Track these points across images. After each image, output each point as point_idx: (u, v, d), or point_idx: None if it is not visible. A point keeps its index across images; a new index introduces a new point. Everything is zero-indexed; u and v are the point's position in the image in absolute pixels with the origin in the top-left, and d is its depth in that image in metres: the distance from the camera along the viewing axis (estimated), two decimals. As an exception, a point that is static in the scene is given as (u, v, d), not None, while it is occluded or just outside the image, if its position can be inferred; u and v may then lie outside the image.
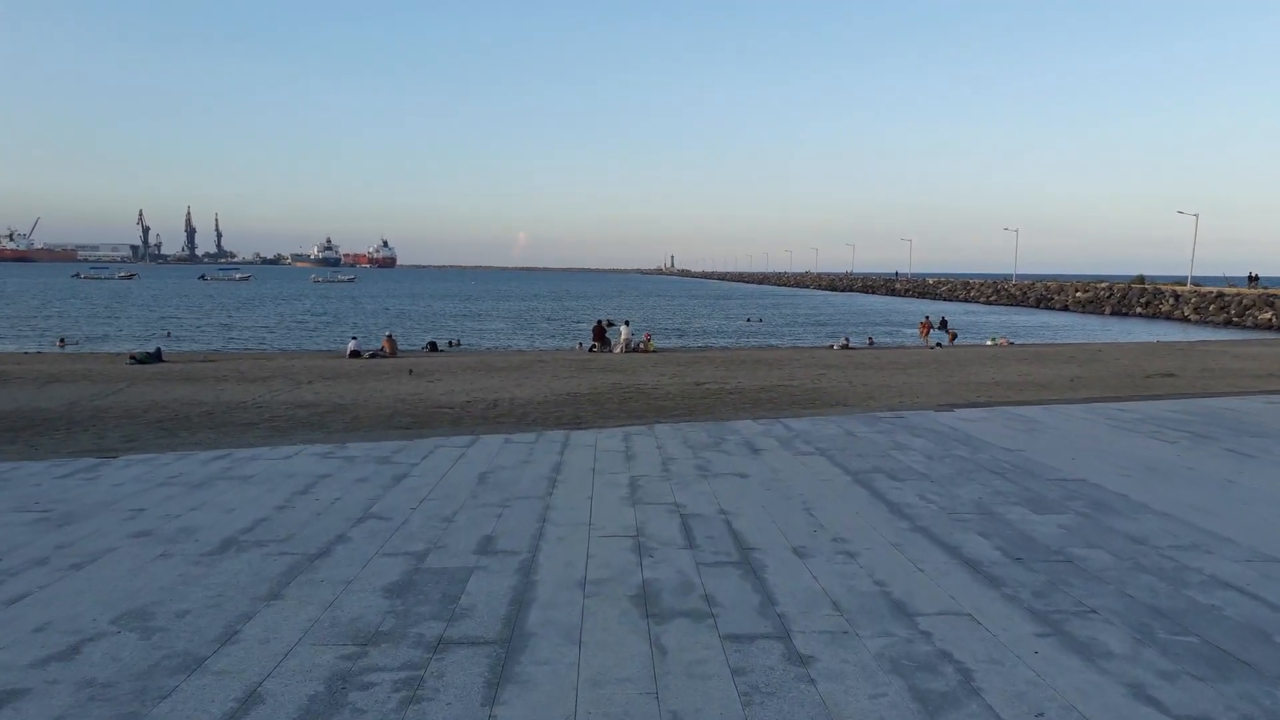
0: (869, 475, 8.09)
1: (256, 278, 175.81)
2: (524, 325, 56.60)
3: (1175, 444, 9.79)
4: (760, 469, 8.33)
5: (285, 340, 42.68)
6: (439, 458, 8.88)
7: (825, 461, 8.68)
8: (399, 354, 31.75)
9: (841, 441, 9.80)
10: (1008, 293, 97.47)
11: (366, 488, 7.57)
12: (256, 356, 31.45)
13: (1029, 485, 7.77)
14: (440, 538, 6.08)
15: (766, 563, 5.55)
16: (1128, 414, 12.10)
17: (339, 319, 59.92)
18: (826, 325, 59.66)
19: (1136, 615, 4.74)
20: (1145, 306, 72.09)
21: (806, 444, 9.66)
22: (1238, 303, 62.47)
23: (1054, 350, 34.62)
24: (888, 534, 6.20)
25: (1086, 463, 8.72)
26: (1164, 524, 6.50)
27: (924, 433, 10.39)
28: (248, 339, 42.91)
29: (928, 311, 73.38)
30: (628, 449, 9.35)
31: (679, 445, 9.53)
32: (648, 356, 30.55)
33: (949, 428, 10.73)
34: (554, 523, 6.45)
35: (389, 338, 32.97)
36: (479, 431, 11.87)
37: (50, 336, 41.13)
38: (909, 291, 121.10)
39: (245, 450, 9.44)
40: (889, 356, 30.82)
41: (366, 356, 29.89)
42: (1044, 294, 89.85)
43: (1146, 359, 29.26)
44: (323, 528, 6.33)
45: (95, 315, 60.05)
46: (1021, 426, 10.94)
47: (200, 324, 53.26)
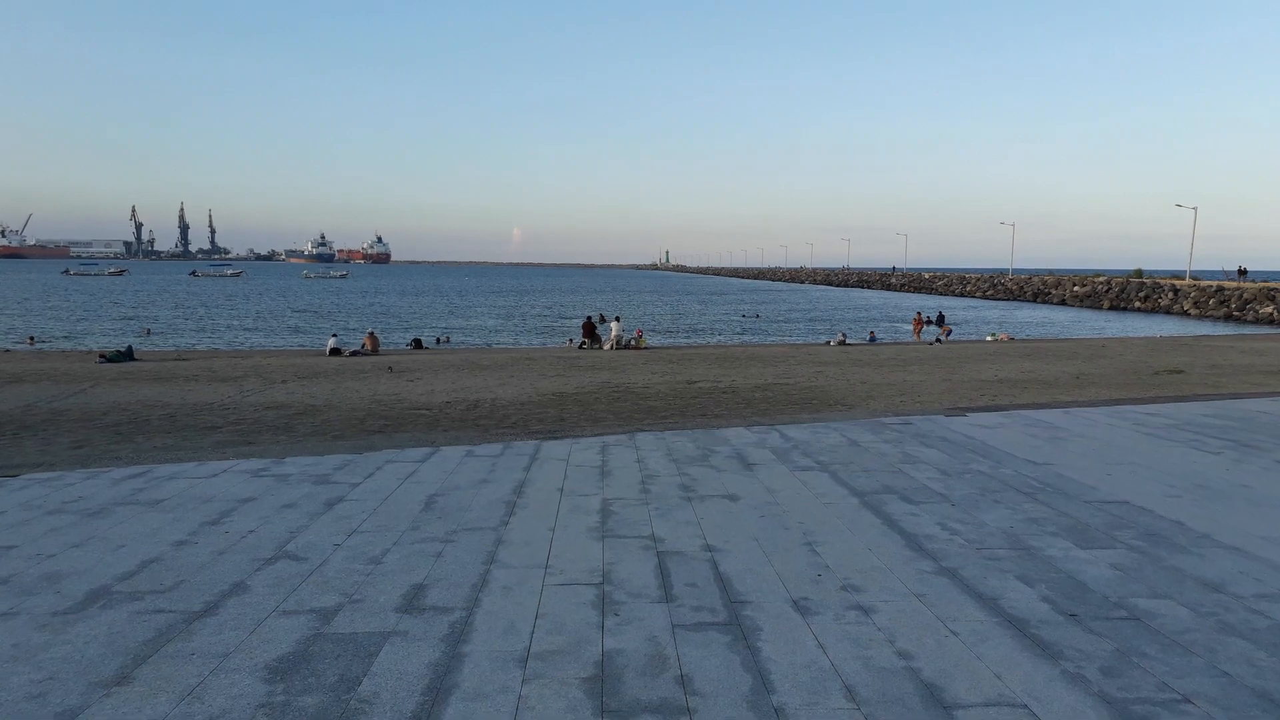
0: (879, 497, 6.98)
1: (248, 274, 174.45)
2: (515, 321, 55.44)
3: (1219, 455, 8.70)
4: (754, 489, 7.21)
5: (267, 338, 41.50)
6: (386, 476, 7.74)
7: (828, 479, 7.56)
8: (381, 352, 30.74)
9: (845, 453, 8.69)
10: (1004, 287, 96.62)
11: (291, 516, 6.43)
12: (233, 355, 30.34)
13: (1065, 509, 6.66)
14: (360, 587, 4.95)
15: (760, 623, 4.43)
16: (1156, 419, 11.01)
17: (326, 316, 58.70)
18: (823, 321, 58.60)
19: (1244, 706, 3.63)
20: (1144, 301, 71.18)
21: (806, 456, 8.54)
22: (1238, 297, 61.61)
23: (1056, 346, 33.65)
24: (908, 578, 5.09)
25: (1125, 479, 7.61)
26: (1239, 563, 5.40)
27: (936, 442, 9.29)
28: (228, 336, 41.72)
29: (925, 306, 72.80)
30: (604, 463, 8.22)
31: (662, 459, 8.41)
32: (639, 354, 29.54)
33: (963, 436, 9.63)
34: (503, 564, 5.32)
35: (370, 335, 31.90)
36: (456, 435, 11.04)
37: (24, 334, 39.89)
38: (905, 286, 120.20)
39: (168, 467, 8.30)
40: (888, 353, 29.81)
41: (347, 354, 28.89)
42: (1041, 288, 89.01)
43: (1152, 355, 28.36)
44: (220, 573, 5.19)
45: (76, 312, 58.74)
46: (1043, 434, 9.84)
47: (182, 321, 52.04)
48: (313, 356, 28.86)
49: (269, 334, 43.68)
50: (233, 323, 50.64)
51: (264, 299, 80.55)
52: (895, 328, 48.73)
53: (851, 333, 44.46)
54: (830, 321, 56.87)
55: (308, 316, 57.26)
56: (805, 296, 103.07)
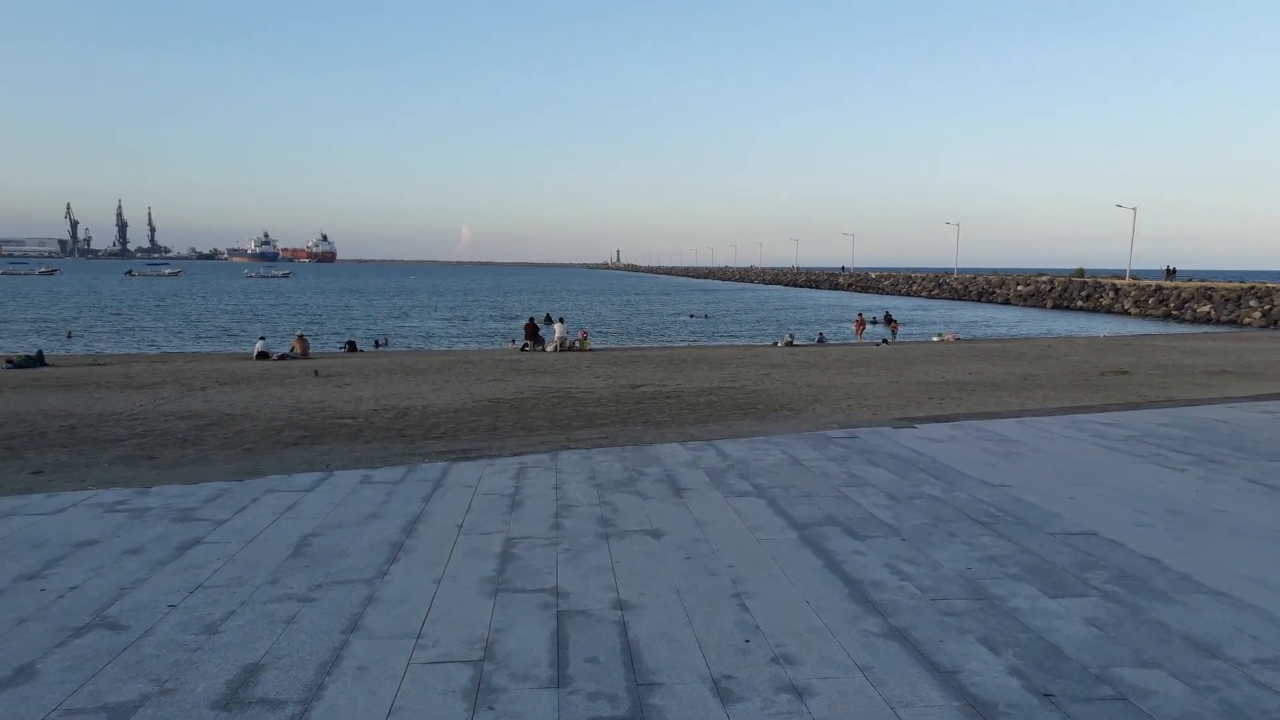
0: (821, 530, 6.17)
1: (187, 273, 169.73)
2: (458, 323, 54.12)
3: (1185, 472, 8.06)
4: (681, 522, 6.35)
5: (195, 341, 39.77)
6: (260, 510, 6.72)
7: (765, 507, 6.74)
8: (311, 355, 29.43)
9: (786, 474, 7.87)
10: (950, 287, 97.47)
11: (131, 566, 5.41)
12: (154, 359, 28.80)
13: (1028, 544, 5.91)
14: (179, 669, 3.96)
15: (670, 718, 3.56)
16: (1115, 429, 10.40)
17: (262, 317, 56.79)
18: (771, 321, 58.20)
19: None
20: (1086, 300, 72.12)
21: (743, 479, 7.71)
22: (1176, 296, 62.61)
23: (1002, 346, 33.51)
24: (852, 643, 4.26)
25: (1090, 503, 6.91)
26: (1230, 614, 4.66)
27: (884, 459, 8.53)
28: (153, 340, 39.87)
29: (872, 306, 72.89)
30: (517, 491, 7.30)
31: (583, 484, 7.51)
32: (583, 356, 28.68)
33: (912, 452, 8.89)
34: (366, 633, 4.37)
35: (300, 337, 30.54)
36: (382, 447, 10.38)
37: None
38: (853, 286, 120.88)
39: (11, 500, 7.18)
40: (835, 354, 29.33)
41: (275, 358, 27.57)
42: (986, 288, 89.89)
43: (1097, 355, 28.27)
44: (8, 651, 4.18)
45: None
46: (997, 448, 9.15)
47: (107, 323, 49.84)
48: (239, 361, 27.51)
49: (197, 337, 41.89)
50: (159, 325, 48.55)
51: (198, 300, 77.97)
52: (843, 328, 48.44)
53: (799, 333, 44.03)
54: (778, 322, 56.50)
55: (241, 318, 55.30)
56: (754, 296, 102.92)
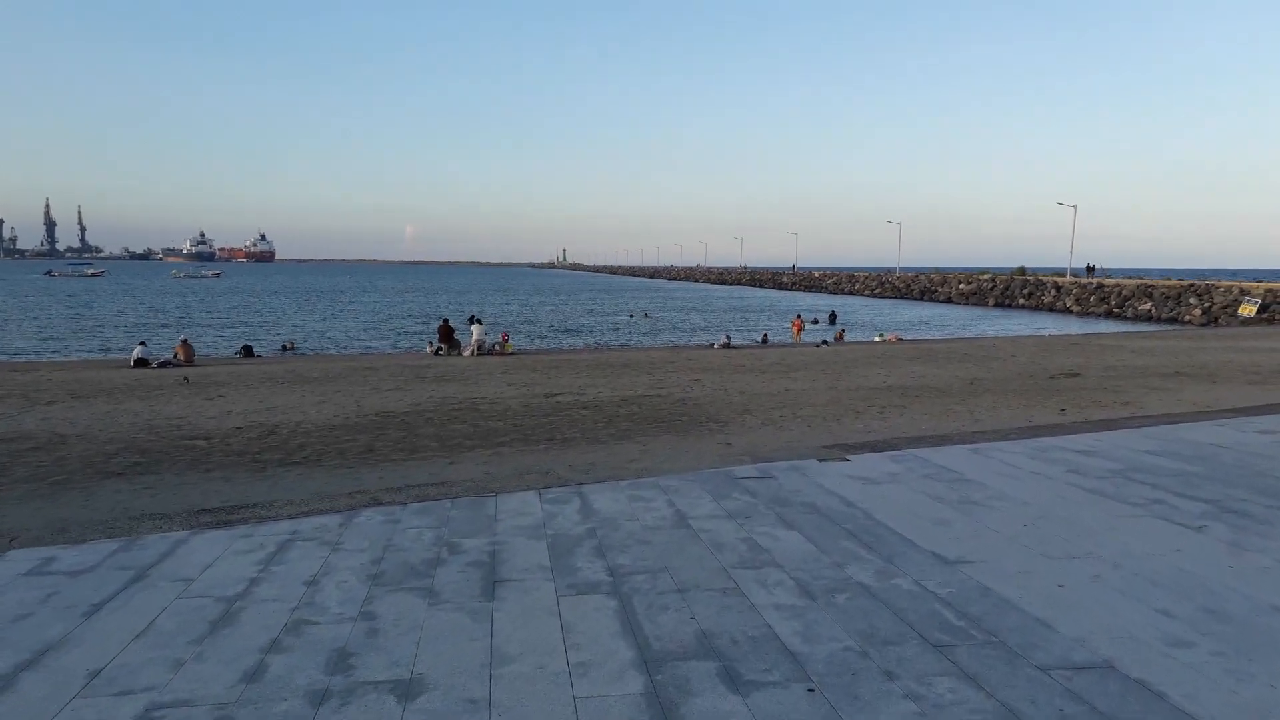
0: (683, 674, 3.82)
1: (112, 273, 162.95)
2: (381, 324, 51.07)
3: (1204, 531, 5.94)
4: (464, 659, 3.97)
5: (80, 345, 36.38)
6: None
7: (610, 618, 4.38)
8: (197, 361, 26.55)
9: (663, 545, 5.55)
10: (892, 285, 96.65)
11: None
12: (13, 367, 25.66)
13: (1012, 694, 3.66)
14: None
15: None
16: (1094, 461, 8.28)
17: (175, 320, 53.23)
18: (714, 321, 56.21)
19: None
20: (1028, 298, 71.47)
21: (598, 556, 5.37)
22: (1117, 294, 62.08)
23: (946, 347, 31.84)
24: None
25: (1090, 598, 4.70)
26: None
27: (802, 514, 6.27)
28: (32, 345, 36.36)
29: (816, 305, 71.52)
30: (249, 588, 4.83)
31: (359, 570, 5.07)
32: (501, 360, 26.26)
33: (841, 501, 6.62)
34: None
35: (183, 343, 27.58)
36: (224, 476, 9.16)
37: None
38: (796, 285, 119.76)
39: None
40: (773, 356, 27.28)
41: (155, 365, 24.64)
42: (928, 286, 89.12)
43: (1044, 356, 26.72)
44: None
45: None
46: (950, 492, 6.96)
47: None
48: (113, 369, 24.54)
49: (84, 341, 38.45)
50: (46, 329, 44.77)
51: (112, 301, 73.58)
52: (786, 329, 46.47)
53: (739, 334, 42.02)
54: (720, 322, 54.52)
55: (147, 321, 51.61)
56: (699, 295, 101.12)
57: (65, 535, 6.01)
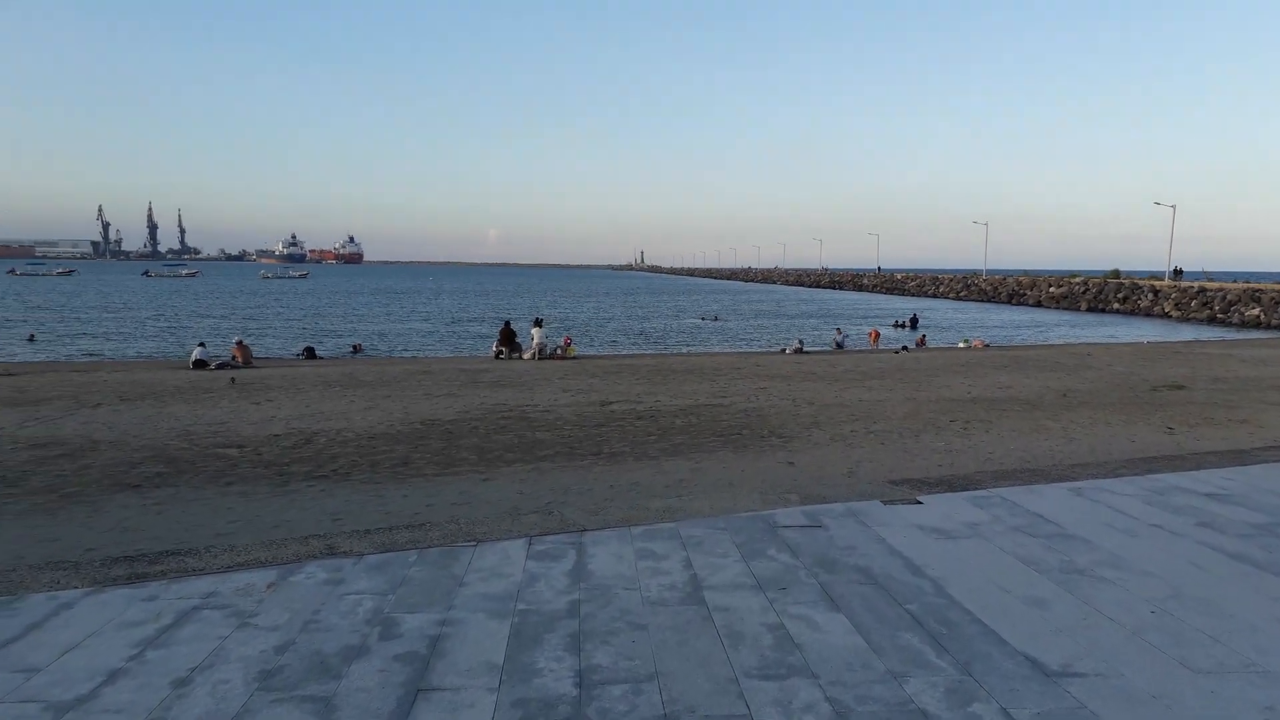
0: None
1: (205, 274, 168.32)
2: (451, 326, 50.90)
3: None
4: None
5: (154, 345, 36.81)
6: None
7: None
8: (256, 363, 26.29)
9: (658, 639, 4.21)
10: (978, 288, 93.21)
11: None
12: (74, 368, 25.80)
13: None
14: None
15: None
16: (1231, 509, 6.70)
17: (255, 319, 54.10)
18: (788, 325, 54.46)
19: None
20: (1123, 302, 67.81)
21: (568, 653, 4.07)
22: (1221, 299, 58.28)
23: (1035, 354, 29.70)
24: None
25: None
26: None
27: (853, 584, 4.90)
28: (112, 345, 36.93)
29: (897, 309, 68.95)
30: (91, 698, 3.74)
31: (247, 669, 3.81)
32: (561, 365, 25.34)
33: (906, 566, 5.21)
34: None
35: (239, 344, 27.38)
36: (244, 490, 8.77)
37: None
38: (877, 287, 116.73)
39: None
40: (847, 363, 25.70)
41: (213, 367, 24.42)
42: (1016, 289, 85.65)
43: (1144, 365, 24.57)
44: None
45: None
46: (1048, 555, 5.50)
47: (77, 326, 47.08)
48: (171, 370, 24.44)
49: (155, 341, 38.97)
50: (124, 330, 45.64)
51: (198, 301, 75.52)
52: (864, 333, 44.34)
53: (814, 338, 40.29)
54: (796, 325, 52.73)
55: (225, 321, 52.40)
56: (774, 297, 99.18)
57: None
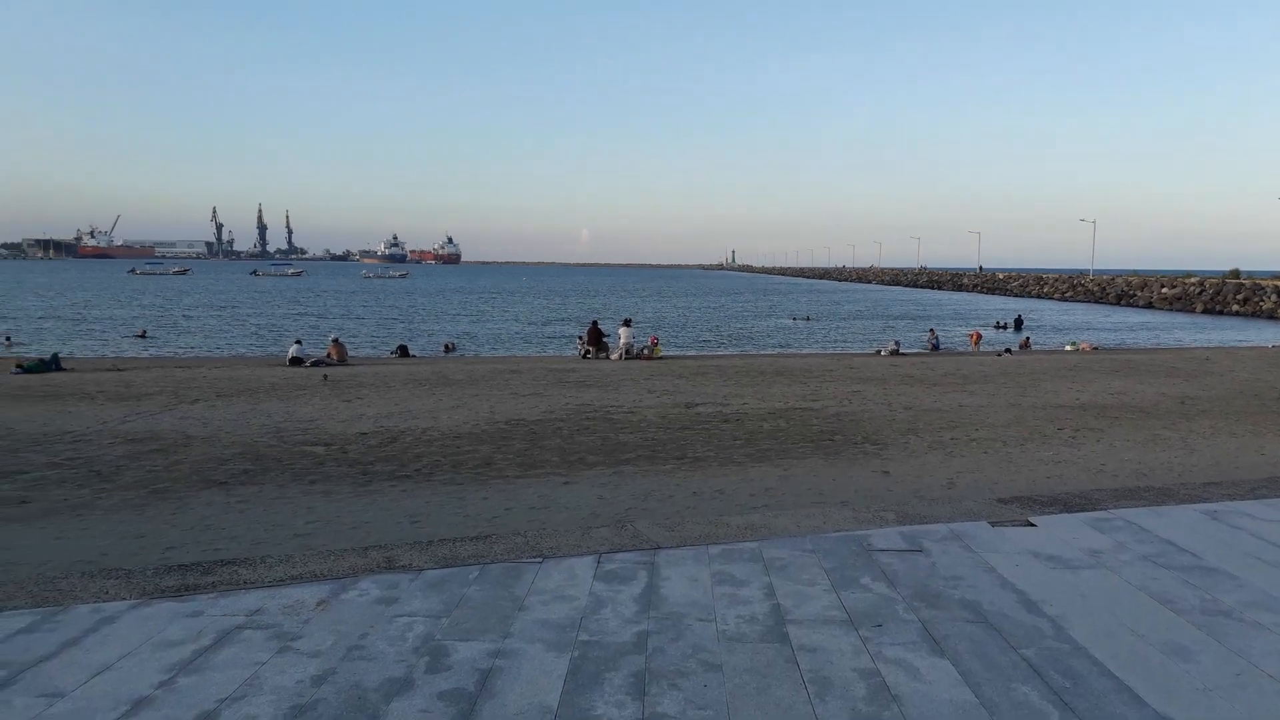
0: None
1: (310, 273, 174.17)
2: (540, 326, 51.21)
3: None
4: None
5: (263, 342, 38.09)
6: None
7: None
8: (351, 360, 26.80)
9: (734, 682, 3.59)
10: (1085, 288, 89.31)
11: None
12: (179, 364, 26.74)
13: None
14: None
15: None
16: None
17: (354, 317, 55.62)
18: (881, 324, 53.01)
19: None
20: (1243, 304, 63.97)
21: (630, 698, 3.50)
22: (1359, 300, 54.24)
23: (1149, 359, 27.98)
24: None
25: None
26: None
27: (958, 626, 4.22)
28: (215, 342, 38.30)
29: (998, 309, 66.43)
30: None
31: (279, 701, 3.31)
32: (647, 365, 25.06)
33: (1020, 600, 4.49)
34: None
35: (335, 342, 27.96)
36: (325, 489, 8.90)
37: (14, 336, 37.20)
38: (978, 287, 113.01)
39: None
40: (946, 366, 24.63)
41: (308, 364, 24.99)
42: (1125, 290, 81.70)
43: (1271, 371, 22.93)
44: None
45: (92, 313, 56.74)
46: (1185, 592, 4.73)
47: (184, 323, 49.05)
48: (268, 367, 25.08)
49: (258, 339, 40.27)
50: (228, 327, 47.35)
51: (300, 299, 78.08)
52: (964, 334, 42.64)
53: (911, 340, 38.97)
54: (892, 326, 51.24)
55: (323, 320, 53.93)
56: (869, 297, 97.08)
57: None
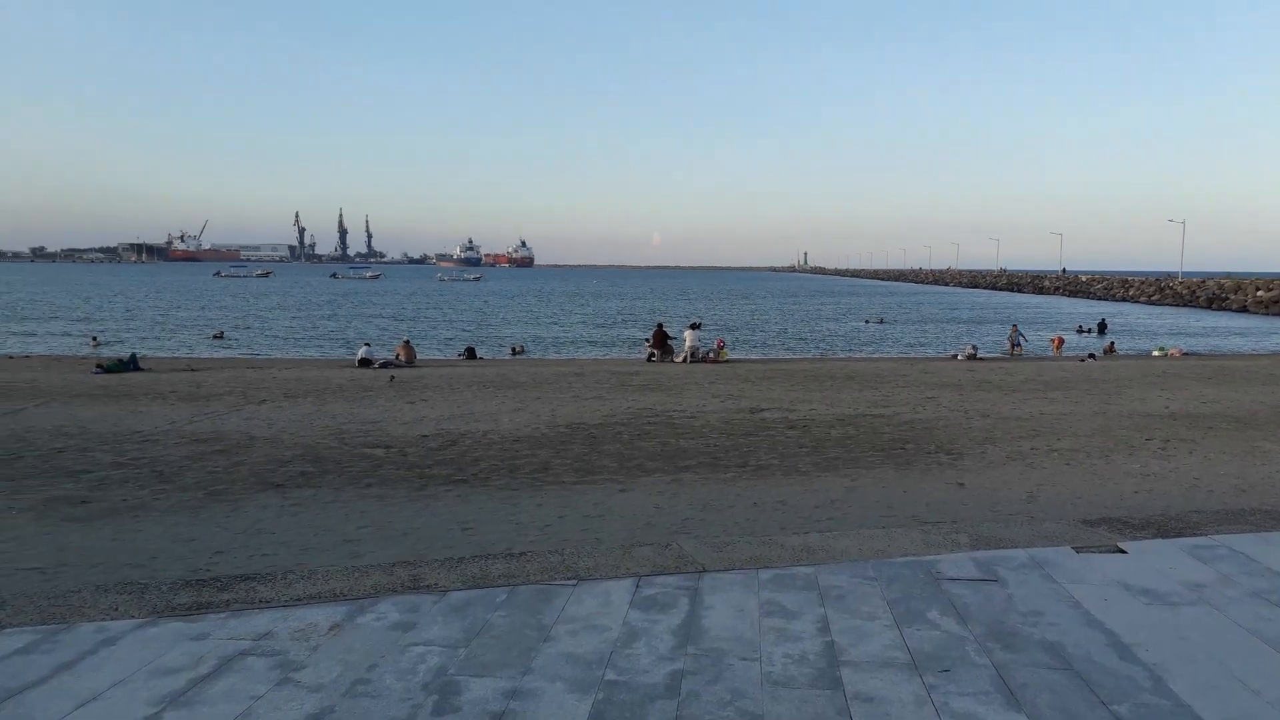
0: None
1: (387, 276, 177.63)
2: (608, 329, 51.05)
3: None
4: None
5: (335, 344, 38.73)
6: None
7: None
8: (417, 363, 26.96)
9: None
10: (1173, 291, 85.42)
11: None
12: (251, 365, 27.25)
13: None
14: None
15: None
16: None
17: (423, 320, 56.39)
18: (957, 328, 51.46)
19: None
20: (1351, 307, 60.29)
21: None
22: None
23: (1244, 365, 26.51)
24: None
25: None
26: None
27: (1039, 674, 3.57)
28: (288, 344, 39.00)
29: (1080, 313, 63.95)
30: None
31: None
32: (712, 369, 24.63)
33: (1110, 645, 3.92)
34: None
35: (405, 344, 28.20)
36: (379, 493, 8.94)
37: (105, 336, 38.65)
38: (1059, 290, 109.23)
39: None
40: (1026, 371, 23.65)
41: (377, 366, 25.22)
42: (1217, 293, 77.82)
43: (1383, 378, 21.25)
44: None
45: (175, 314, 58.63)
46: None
47: (259, 325, 50.20)
48: (338, 368, 25.39)
49: (331, 340, 40.94)
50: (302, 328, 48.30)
51: (375, 301, 79.51)
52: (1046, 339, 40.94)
53: (989, 344, 37.64)
54: (969, 330, 49.68)
55: (392, 321, 54.70)
56: (945, 299, 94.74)
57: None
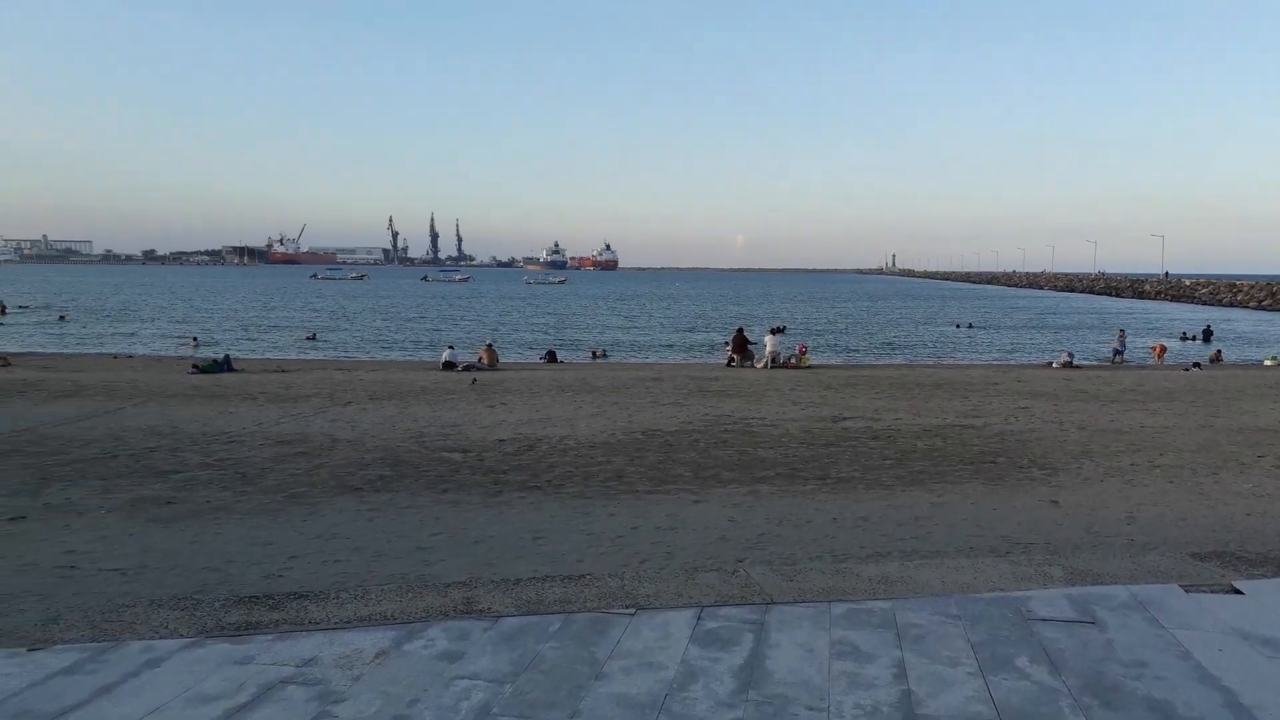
0: None
1: (476, 279, 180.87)
2: (688, 333, 50.75)
3: None
4: None
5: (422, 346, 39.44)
6: None
7: None
8: (500, 365, 27.28)
9: None
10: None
11: None
12: (336, 366, 27.93)
13: None
14: None
15: None
16: None
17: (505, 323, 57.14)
18: (1053, 334, 49.57)
19: None
20: None
21: None
22: None
23: (1371, 375, 24.70)
24: None
25: None
26: None
27: None
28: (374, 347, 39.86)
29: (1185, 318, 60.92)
30: None
31: None
32: (794, 375, 24.19)
33: (1226, 704, 3.54)
34: None
35: (488, 347, 28.51)
36: (455, 498, 8.98)
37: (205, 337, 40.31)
38: (1161, 294, 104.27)
39: None
40: (1127, 381, 22.55)
41: (460, 369, 25.58)
42: (1341, 297, 72.99)
43: None
44: None
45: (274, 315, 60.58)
46: None
47: (351, 328, 51.47)
48: (422, 370, 25.85)
49: (418, 343, 41.70)
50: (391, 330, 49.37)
51: (463, 304, 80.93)
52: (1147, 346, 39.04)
53: (1087, 351, 36.15)
54: (1065, 336, 47.80)
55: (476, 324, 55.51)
56: (1039, 304, 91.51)
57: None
